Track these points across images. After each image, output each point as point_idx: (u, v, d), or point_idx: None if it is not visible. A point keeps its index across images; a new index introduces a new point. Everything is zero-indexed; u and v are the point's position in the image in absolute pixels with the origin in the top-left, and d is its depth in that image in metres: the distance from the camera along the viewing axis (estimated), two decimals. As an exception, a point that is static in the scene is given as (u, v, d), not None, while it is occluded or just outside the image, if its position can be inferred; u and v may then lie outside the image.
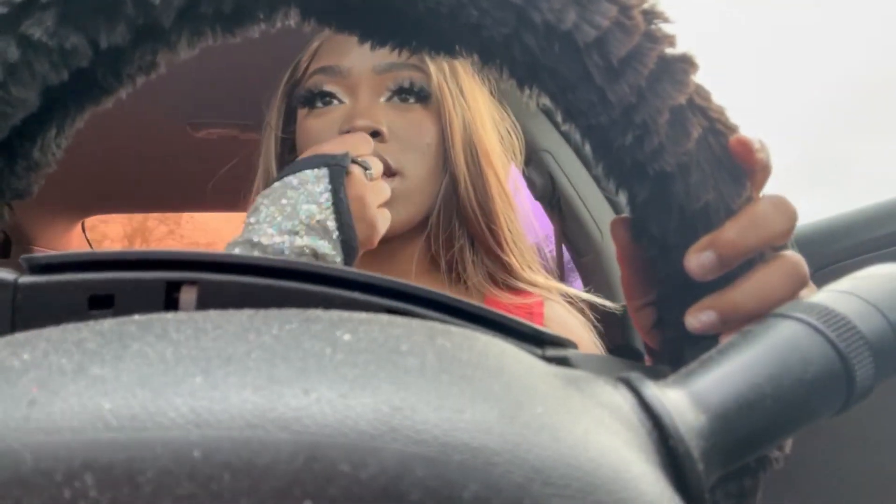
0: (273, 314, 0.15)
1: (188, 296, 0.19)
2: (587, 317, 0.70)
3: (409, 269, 0.67)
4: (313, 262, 0.20)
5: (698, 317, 0.26)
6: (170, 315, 0.15)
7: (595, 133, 0.27)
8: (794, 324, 0.20)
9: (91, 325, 0.15)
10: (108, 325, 0.15)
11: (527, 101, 0.29)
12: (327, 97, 0.64)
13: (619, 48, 0.24)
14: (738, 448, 0.18)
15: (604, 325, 0.71)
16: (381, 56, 0.61)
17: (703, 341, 0.26)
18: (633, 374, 0.18)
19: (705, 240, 0.26)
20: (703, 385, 0.18)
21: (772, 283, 0.26)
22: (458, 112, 0.64)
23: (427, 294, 0.19)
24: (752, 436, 0.18)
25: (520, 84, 0.28)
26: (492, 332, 0.19)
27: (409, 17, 0.27)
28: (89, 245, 1.81)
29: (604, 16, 0.24)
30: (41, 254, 0.20)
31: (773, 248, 0.27)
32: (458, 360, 0.14)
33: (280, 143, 0.70)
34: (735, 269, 0.26)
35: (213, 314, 0.15)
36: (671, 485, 0.15)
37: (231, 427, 0.12)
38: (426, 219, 0.66)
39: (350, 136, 0.58)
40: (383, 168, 0.58)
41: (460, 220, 0.66)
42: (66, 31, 0.23)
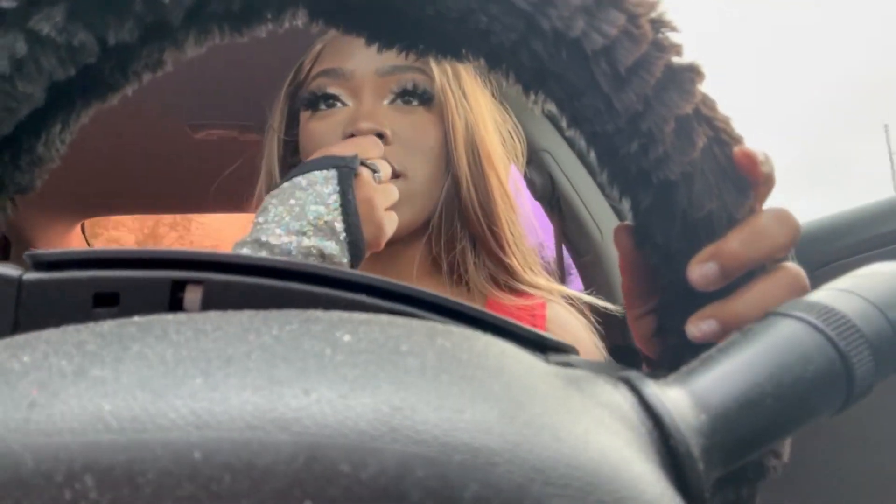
0: (273, 315, 0.15)
1: (193, 295, 0.19)
2: (588, 318, 0.70)
3: (410, 271, 0.67)
4: (319, 264, 0.20)
5: (699, 325, 0.26)
6: (170, 316, 0.15)
7: (600, 140, 0.27)
8: (795, 322, 0.20)
9: (91, 326, 0.15)
10: (108, 326, 0.15)
11: (532, 107, 0.29)
12: (330, 100, 0.64)
13: (626, 56, 0.24)
14: (739, 447, 0.18)
15: (604, 326, 0.71)
16: (384, 58, 0.61)
17: (703, 350, 0.27)
18: (633, 373, 0.18)
19: (708, 250, 0.26)
20: (704, 384, 0.18)
21: (773, 294, 0.26)
22: (461, 114, 0.64)
23: (432, 298, 0.19)
24: (752, 435, 0.18)
25: (526, 89, 0.28)
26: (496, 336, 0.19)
27: (416, 20, 0.27)
28: (89, 247, 1.81)
29: (612, 24, 0.24)
30: (46, 250, 0.20)
31: (775, 260, 0.27)
32: (459, 360, 0.14)
33: (283, 146, 0.70)
34: (737, 279, 0.26)
35: (213, 315, 0.15)
36: (671, 484, 0.15)
37: (231, 428, 0.12)
38: (428, 221, 0.66)
39: (359, 138, 0.58)
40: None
41: (462, 221, 0.66)
42: (75, 27, 0.23)
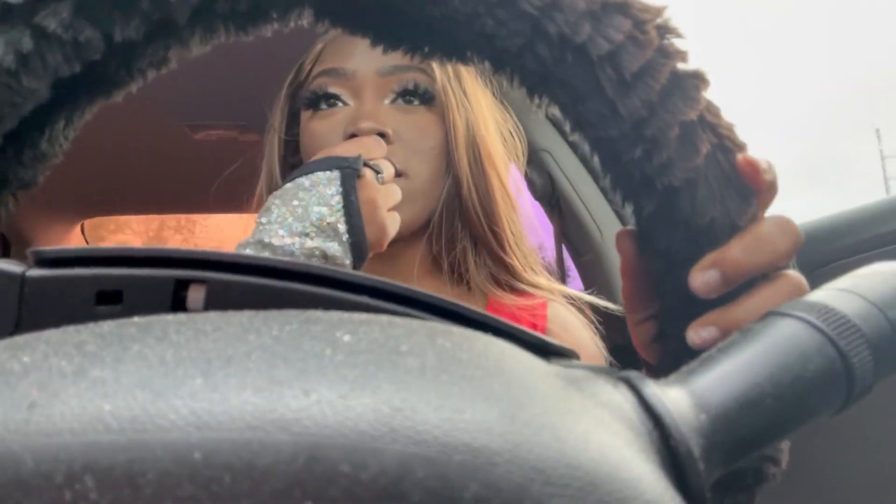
0: (273, 315, 0.15)
1: (196, 294, 0.19)
2: (588, 318, 0.70)
3: (411, 271, 0.67)
4: (323, 265, 0.19)
5: (700, 332, 0.26)
6: (169, 317, 0.15)
7: (604, 145, 0.27)
8: (795, 322, 0.20)
9: (91, 327, 0.15)
10: (108, 327, 0.15)
11: (535, 109, 0.29)
12: (332, 99, 0.64)
13: (632, 62, 0.24)
14: (739, 447, 0.18)
15: (605, 325, 0.71)
16: (385, 58, 0.61)
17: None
18: (633, 373, 0.18)
19: (710, 258, 0.26)
20: (704, 384, 0.18)
21: (774, 302, 0.26)
22: (462, 114, 0.64)
23: (437, 302, 0.19)
24: (752, 434, 0.18)
25: (530, 93, 0.28)
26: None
27: (422, 22, 0.27)
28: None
29: (618, 30, 0.24)
30: (49, 247, 0.20)
31: (776, 268, 0.27)
32: (459, 360, 0.14)
33: (283, 146, 0.70)
34: (738, 286, 0.26)
35: (213, 315, 0.15)
36: (672, 484, 0.15)
37: (231, 428, 0.12)
38: (429, 220, 0.66)
39: (363, 138, 0.58)
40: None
41: (463, 221, 0.65)
42: (81, 23, 0.23)
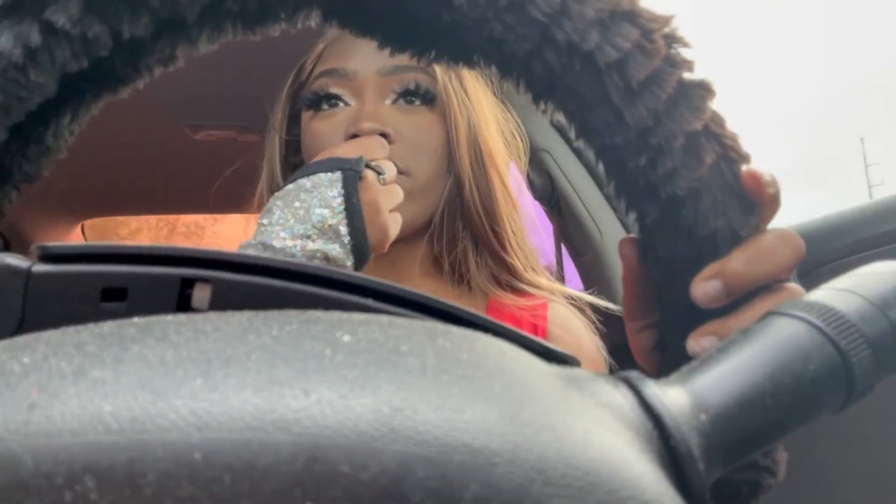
0: (273, 315, 0.15)
1: (202, 293, 0.19)
2: (589, 318, 0.70)
3: (412, 271, 0.67)
4: (329, 267, 0.19)
5: (700, 342, 0.26)
6: (169, 317, 0.15)
7: (609, 153, 0.27)
8: (794, 322, 0.20)
9: (91, 327, 0.15)
10: (108, 327, 0.15)
11: (540, 113, 0.29)
12: (333, 99, 0.63)
13: (639, 71, 0.24)
14: (739, 447, 0.18)
15: (605, 325, 0.71)
16: (386, 58, 0.61)
17: None
18: (633, 373, 0.18)
19: (712, 268, 0.26)
20: (704, 384, 0.18)
21: None
22: (464, 114, 0.64)
23: (440, 305, 0.19)
24: (752, 434, 0.18)
25: (536, 99, 0.28)
26: None
27: (431, 25, 0.27)
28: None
29: (626, 38, 0.24)
30: (55, 243, 0.20)
31: (777, 280, 0.27)
32: (459, 360, 0.14)
33: (284, 146, 0.69)
34: (739, 297, 0.26)
35: (213, 316, 0.15)
36: (672, 484, 0.15)
37: (231, 429, 0.12)
38: (430, 220, 0.65)
39: (364, 139, 0.58)
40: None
41: (464, 221, 0.65)
42: (90, 19, 0.23)
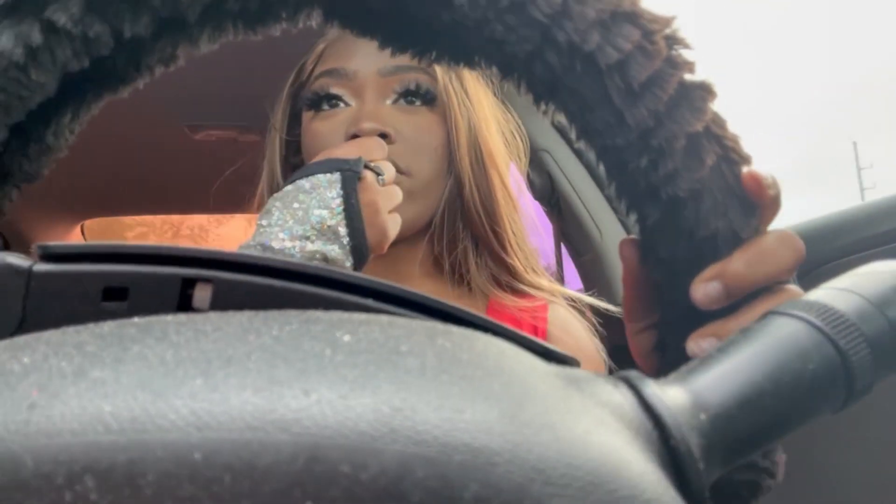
0: (273, 315, 0.15)
1: (203, 293, 0.19)
2: (589, 319, 0.70)
3: (412, 271, 0.67)
4: (330, 267, 0.19)
5: (700, 343, 0.26)
6: (169, 317, 0.15)
7: (610, 154, 0.27)
8: (794, 321, 0.20)
9: (91, 327, 0.15)
10: (108, 327, 0.15)
11: (536, 110, 0.29)
12: (333, 100, 0.63)
13: (640, 72, 0.24)
14: (739, 446, 0.18)
15: (605, 326, 0.71)
16: (387, 59, 0.61)
17: None
18: (633, 372, 0.18)
19: (713, 270, 0.26)
20: (703, 383, 0.18)
21: None
22: (464, 114, 0.64)
23: (439, 305, 0.19)
24: (752, 434, 0.18)
25: (537, 100, 0.28)
26: None
27: (432, 26, 0.27)
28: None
29: (627, 39, 0.24)
30: (56, 242, 0.20)
31: (778, 282, 0.27)
32: (458, 360, 0.14)
33: (285, 146, 0.69)
34: (739, 298, 0.26)
35: (213, 316, 0.15)
36: (672, 483, 0.15)
37: (231, 429, 0.12)
38: (430, 221, 0.65)
39: (364, 140, 0.58)
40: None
41: (464, 222, 0.65)
42: (91, 19, 0.23)
